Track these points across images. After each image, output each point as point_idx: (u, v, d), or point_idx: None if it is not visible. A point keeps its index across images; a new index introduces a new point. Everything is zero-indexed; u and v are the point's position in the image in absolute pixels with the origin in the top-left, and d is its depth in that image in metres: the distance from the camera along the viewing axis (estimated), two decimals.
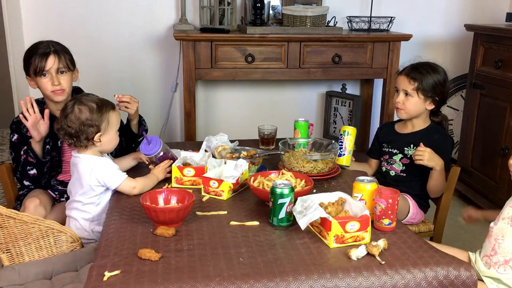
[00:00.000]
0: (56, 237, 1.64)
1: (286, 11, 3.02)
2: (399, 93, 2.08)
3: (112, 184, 1.74)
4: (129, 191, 1.75)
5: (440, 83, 2.06)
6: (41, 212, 1.89)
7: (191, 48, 2.84)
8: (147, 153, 1.88)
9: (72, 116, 1.73)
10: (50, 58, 1.97)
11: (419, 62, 2.11)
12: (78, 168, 1.77)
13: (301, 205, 1.48)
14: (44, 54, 1.97)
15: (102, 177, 1.74)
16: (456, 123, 3.51)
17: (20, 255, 1.63)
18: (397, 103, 2.08)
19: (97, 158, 1.77)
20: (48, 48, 1.98)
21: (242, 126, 3.29)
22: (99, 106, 1.76)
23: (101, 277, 1.23)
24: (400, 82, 2.08)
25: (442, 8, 3.46)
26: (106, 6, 3.15)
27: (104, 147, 1.80)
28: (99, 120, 1.75)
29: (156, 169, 1.86)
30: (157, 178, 1.84)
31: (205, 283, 1.21)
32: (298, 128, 2.24)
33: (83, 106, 1.74)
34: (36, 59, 1.96)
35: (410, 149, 2.08)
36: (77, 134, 1.73)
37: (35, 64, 1.96)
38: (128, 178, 1.76)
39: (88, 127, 1.73)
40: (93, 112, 1.74)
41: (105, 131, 1.77)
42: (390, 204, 1.48)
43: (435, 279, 1.28)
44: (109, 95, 2.03)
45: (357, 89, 3.53)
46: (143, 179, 1.80)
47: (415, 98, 2.04)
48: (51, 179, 2.08)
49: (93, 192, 1.76)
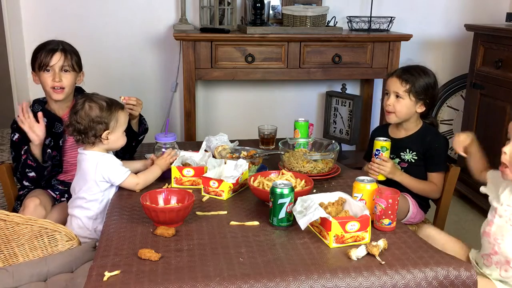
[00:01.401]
0: (50, 236, 1.63)
1: (286, 11, 3.02)
2: (389, 96, 2.08)
3: (116, 180, 1.76)
4: (132, 187, 1.78)
5: (431, 86, 2.06)
6: (41, 212, 1.89)
7: (191, 48, 2.84)
8: (161, 140, 1.98)
9: (82, 113, 1.77)
10: (56, 55, 2.00)
11: (410, 65, 2.11)
12: (83, 165, 1.79)
13: (301, 205, 1.48)
14: (51, 50, 2.01)
15: (107, 173, 1.76)
16: (456, 123, 3.51)
17: (14, 256, 1.62)
18: (388, 105, 2.06)
19: (102, 154, 1.80)
20: (57, 46, 2.03)
21: (242, 126, 3.29)
22: (109, 105, 1.80)
23: (101, 277, 1.23)
24: (392, 84, 2.07)
25: (442, 8, 3.46)
26: (106, 6, 3.15)
27: (111, 145, 1.83)
28: (108, 118, 1.78)
29: (160, 160, 1.88)
30: (161, 169, 1.86)
31: (205, 283, 1.21)
32: (298, 128, 2.24)
33: (93, 103, 1.78)
34: (43, 54, 2.00)
35: (406, 154, 2.09)
36: (86, 130, 1.77)
37: (41, 58, 1.99)
38: (132, 175, 1.79)
39: (97, 124, 1.77)
40: (103, 110, 1.78)
41: (113, 130, 1.80)
42: (390, 204, 1.48)
43: (435, 279, 1.28)
44: (109, 95, 2.02)
45: (357, 89, 3.53)
46: (145, 174, 1.83)
47: (406, 100, 2.03)
48: (51, 178, 2.08)
49: (97, 188, 1.77)
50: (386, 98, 2.09)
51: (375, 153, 2.00)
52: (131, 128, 2.15)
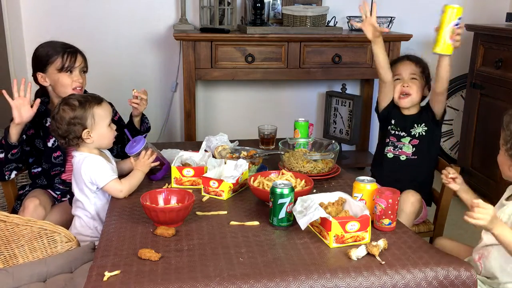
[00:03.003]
0: (49, 237, 1.63)
1: (286, 11, 3.02)
2: (403, 79, 2.11)
3: (99, 182, 1.73)
4: (115, 194, 1.73)
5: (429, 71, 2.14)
6: (41, 212, 1.89)
7: (191, 48, 2.84)
8: (130, 152, 1.85)
9: (58, 117, 1.75)
10: (79, 57, 2.05)
11: (405, 54, 2.21)
12: (74, 166, 1.79)
13: (301, 205, 1.48)
14: (73, 52, 2.04)
15: (90, 174, 1.73)
16: (456, 123, 3.51)
17: (14, 257, 1.62)
18: (406, 87, 2.10)
19: (88, 155, 1.77)
20: (72, 48, 2.06)
21: (242, 126, 3.29)
22: (82, 103, 1.76)
23: (101, 277, 1.23)
24: (405, 67, 2.12)
25: (442, 8, 3.45)
26: (106, 6, 3.15)
27: (98, 143, 1.79)
28: (83, 117, 1.74)
29: (138, 163, 1.81)
30: (143, 172, 1.80)
31: (205, 283, 1.21)
32: (298, 128, 2.24)
33: (66, 106, 1.76)
34: (65, 56, 2.01)
35: (416, 128, 2.11)
36: (66, 134, 1.75)
37: (64, 60, 2.01)
38: (116, 180, 1.74)
39: (73, 125, 1.74)
40: (75, 110, 1.74)
41: (92, 127, 1.76)
42: (390, 204, 1.48)
43: (435, 279, 1.28)
44: (109, 95, 2.03)
45: (357, 89, 3.53)
46: (129, 180, 1.76)
47: (420, 82, 2.10)
48: (55, 177, 2.08)
49: (88, 190, 1.77)
50: (399, 83, 2.12)
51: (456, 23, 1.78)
52: (134, 126, 2.15)
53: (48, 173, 2.06)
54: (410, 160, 2.11)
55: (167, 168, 1.89)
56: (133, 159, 1.84)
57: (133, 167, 1.81)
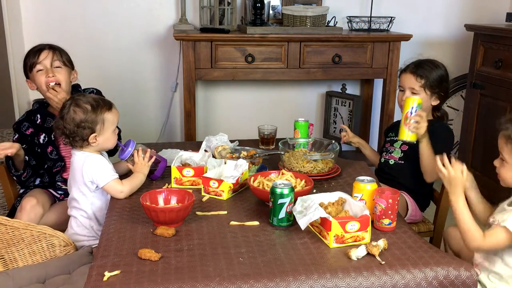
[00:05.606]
0: (48, 241, 1.64)
1: (286, 11, 3.02)
2: (404, 92, 2.08)
3: (100, 182, 1.73)
4: (116, 194, 1.72)
5: (444, 79, 2.08)
6: (39, 212, 1.89)
7: (191, 48, 2.84)
8: (123, 157, 1.84)
9: (67, 117, 1.73)
10: (44, 52, 2.00)
11: (420, 60, 2.11)
12: (73, 164, 1.78)
13: (301, 205, 1.48)
14: (38, 50, 2.01)
15: (91, 173, 1.73)
16: (456, 123, 3.51)
17: (14, 261, 1.63)
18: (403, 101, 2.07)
19: (90, 154, 1.77)
20: (43, 45, 2.02)
21: (242, 126, 3.29)
22: (94, 108, 1.75)
23: (101, 277, 1.23)
24: (406, 80, 2.07)
25: (442, 8, 3.46)
26: (106, 6, 3.15)
27: (101, 146, 1.80)
28: (94, 121, 1.74)
29: (137, 166, 1.80)
30: (143, 174, 1.79)
31: (205, 283, 1.21)
32: (298, 128, 2.24)
33: (78, 108, 1.74)
34: (30, 56, 2.00)
35: None
36: (72, 135, 1.74)
37: (30, 60, 1.99)
38: (117, 180, 1.73)
39: (82, 129, 1.73)
40: (87, 114, 1.73)
41: (100, 132, 1.76)
42: (390, 204, 1.48)
43: (435, 279, 1.28)
44: (109, 95, 2.03)
45: (357, 89, 3.53)
46: (130, 181, 1.75)
47: (422, 95, 2.04)
48: (56, 174, 2.08)
49: (86, 189, 1.76)
50: (400, 95, 2.10)
51: (410, 112, 1.91)
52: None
53: (50, 170, 2.07)
54: (397, 164, 2.11)
55: (164, 164, 1.89)
56: (129, 163, 1.84)
57: (132, 171, 1.81)
